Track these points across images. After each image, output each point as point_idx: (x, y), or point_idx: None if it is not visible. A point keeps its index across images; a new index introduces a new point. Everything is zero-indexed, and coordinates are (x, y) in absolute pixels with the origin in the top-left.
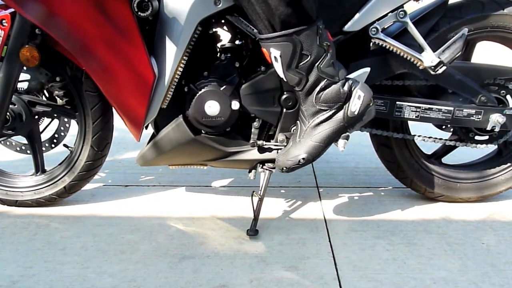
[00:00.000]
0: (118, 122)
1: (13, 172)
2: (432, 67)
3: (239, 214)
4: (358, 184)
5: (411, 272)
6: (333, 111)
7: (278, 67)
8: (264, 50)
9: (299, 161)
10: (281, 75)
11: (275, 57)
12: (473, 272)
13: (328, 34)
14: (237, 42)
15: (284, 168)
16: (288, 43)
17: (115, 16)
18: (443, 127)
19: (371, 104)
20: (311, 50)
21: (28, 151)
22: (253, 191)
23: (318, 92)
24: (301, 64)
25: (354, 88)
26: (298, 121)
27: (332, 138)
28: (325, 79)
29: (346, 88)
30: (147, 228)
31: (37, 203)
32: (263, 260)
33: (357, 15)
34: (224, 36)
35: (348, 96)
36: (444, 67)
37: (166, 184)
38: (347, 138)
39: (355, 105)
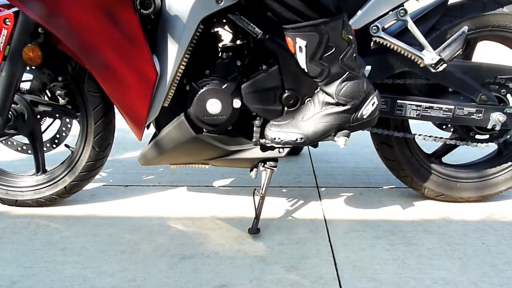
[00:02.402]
0: (118, 122)
1: (14, 172)
2: (433, 65)
3: (239, 214)
4: (358, 184)
5: (411, 272)
6: (348, 107)
7: (301, 58)
8: (288, 39)
9: (296, 139)
10: (303, 65)
11: (300, 47)
12: (473, 272)
13: (351, 29)
14: (238, 42)
15: (277, 139)
16: (315, 34)
17: (118, 14)
18: (444, 126)
19: (375, 116)
20: (336, 42)
21: (29, 151)
22: (255, 189)
23: (340, 84)
24: (325, 55)
25: (371, 94)
26: (309, 102)
27: (332, 131)
28: (347, 72)
29: (365, 86)
30: (147, 228)
31: (37, 203)
32: (263, 260)
33: (357, 14)
34: (226, 37)
35: (365, 98)
36: (445, 65)
37: (166, 184)
38: (347, 135)
39: (367, 110)
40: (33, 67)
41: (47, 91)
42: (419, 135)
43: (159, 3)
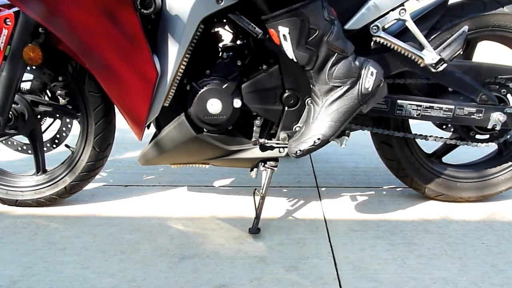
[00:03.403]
0: (118, 122)
1: (14, 171)
2: (433, 65)
3: (239, 214)
4: (358, 184)
5: (411, 272)
6: (347, 87)
7: (287, 46)
8: (271, 30)
9: (314, 142)
10: (291, 54)
11: (283, 35)
12: (473, 272)
13: (332, 10)
14: (238, 42)
15: (298, 151)
16: (296, 18)
17: (119, 14)
18: (444, 126)
19: (381, 84)
20: (318, 24)
21: (29, 151)
22: (255, 189)
23: (330, 68)
24: (310, 39)
25: (365, 66)
26: (311, 104)
27: (347, 116)
28: (335, 54)
29: (357, 62)
30: (147, 228)
31: (38, 203)
32: (263, 260)
33: (358, 14)
34: (226, 37)
35: (360, 72)
36: (445, 64)
37: (166, 184)
38: (347, 134)
39: (368, 82)
40: (34, 67)
41: (48, 91)
42: (419, 135)
43: (160, 3)
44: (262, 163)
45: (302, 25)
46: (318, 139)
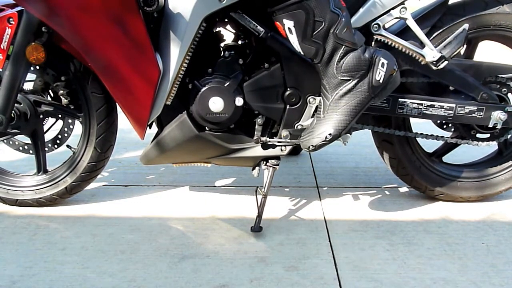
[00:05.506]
0: (119, 122)
1: (15, 171)
2: (434, 62)
3: (239, 214)
4: (358, 184)
5: (411, 272)
6: (356, 80)
7: (293, 39)
8: (277, 23)
9: (326, 137)
10: (297, 48)
11: (289, 28)
12: (473, 272)
13: (340, 0)
14: (240, 41)
15: (311, 147)
16: (301, 11)
17: (122, 12)
18: (444, 126)
19: (394, 73)
20: (324, 16)
21: (31, 151)
22: (257, 187)
23: (338, 61)
24: (315, 32)
25: (376, 56)
26: (320, 97)
27: (358, 110)
28: (343, 46)
29: (367, 55)
30: (147, 228)
31: (38, 203)
32: (263, 260)
33: (359, 12)
34: (228, 37)
35: (370, 64)
36: (446, 62)
37: (166, 184)
38: (350, 133)
39: (379, 74)
40: (37, 67)
41: (50, 92)
42: (421, 133)
43: (162, 1)
44: (264, 162)
45: (307, 18)
46: (330, 134)
